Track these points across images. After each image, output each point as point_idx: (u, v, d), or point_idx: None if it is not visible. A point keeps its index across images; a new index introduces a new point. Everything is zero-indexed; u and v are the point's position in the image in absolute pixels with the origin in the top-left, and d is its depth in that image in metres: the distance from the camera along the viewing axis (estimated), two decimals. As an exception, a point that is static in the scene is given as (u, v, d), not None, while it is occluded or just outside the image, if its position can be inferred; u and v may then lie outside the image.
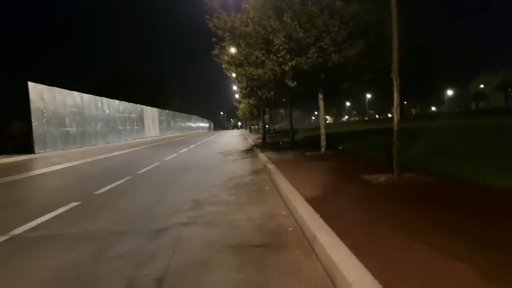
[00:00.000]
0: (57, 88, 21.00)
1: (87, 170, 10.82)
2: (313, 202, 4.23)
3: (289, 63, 8.87)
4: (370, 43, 9.06)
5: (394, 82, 5.43)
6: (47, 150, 19.49)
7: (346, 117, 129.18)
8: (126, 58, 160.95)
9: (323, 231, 3.11)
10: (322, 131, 10.35)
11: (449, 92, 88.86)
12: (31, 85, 18.79)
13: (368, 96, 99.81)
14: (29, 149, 18.60)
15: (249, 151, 14.74)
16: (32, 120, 18.64)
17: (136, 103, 38.34)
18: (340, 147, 11.74)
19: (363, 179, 5.73)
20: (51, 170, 11.05)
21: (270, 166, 7.82)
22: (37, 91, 19.15)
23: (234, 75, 14.79)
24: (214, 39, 10.49)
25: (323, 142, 10.27)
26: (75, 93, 23.28)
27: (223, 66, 10.84)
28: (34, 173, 10.46)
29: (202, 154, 14.31)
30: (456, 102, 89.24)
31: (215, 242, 3.52)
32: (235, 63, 10.13)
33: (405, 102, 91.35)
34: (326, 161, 8.28)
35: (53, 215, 4.96)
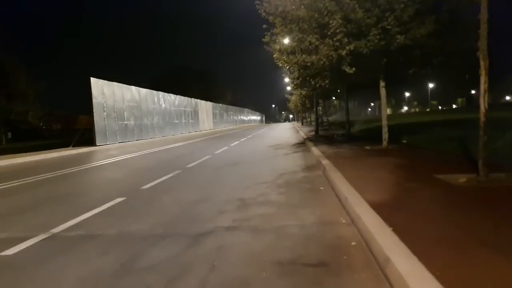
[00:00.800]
0: (115, 83, 21.84)
1: (140, 163, 10.86)
2: (380, 208, 3.48)
3: (347, 47, 7.98)
4: (441, 21, 7.87)
5: (481, 63, 4.43)
6: (108, 143, 20.37)
7: (406, 108, 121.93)
8: (180, 53, 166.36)
9: (400, 253, 2.38)
10: (384, 122, 9.32)
11: (526, 79, 79.66)
12: (93, 80, 19.68)
13: (431, 85, 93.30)
14: (92, 142, 19.57)
15: (301, 144, 13.99)
16: (94, 114, 19.54)
17: (190, 97, 39.17)
18: (404, 141, 10.57)
19: (439, 179, 4.80)
20: (106, 162, 11.27)
21: (325, 162, 7.07)
22: (98, 86, 20.01)
23: (285, 64, 14.15)
24: (264, 26, 9.87)
25: (385, 135, 9.25)
26: (133, 87, 24.10)
27: (274, 55, 10.18)
28: (91, 165, 10.72)
29: (252, 148, 13.85)
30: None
31: (261, 255, 2.94)
32: (287, 50, 9.42)
33: (473, 92, 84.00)
34: (389, 157, 7.32)
35: (96, 212, 4.75)
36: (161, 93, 28.92)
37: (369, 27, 7.80)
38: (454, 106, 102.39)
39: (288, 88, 48.31)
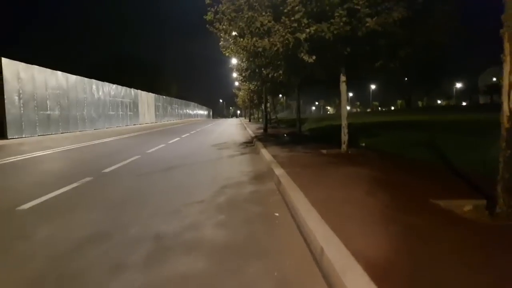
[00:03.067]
0: (36, 66, 18.51)
1: (44, 164, 8.54)
2: (382, 272, 1.99)
3: (307, 30, 6.54)
4: (414, 8, 6.75)
5: (506, 45, 3.12)
6: (23, 136, 17.17)
7: (348, 108, 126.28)
8: (123, 42, 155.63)
9: None
10: (344, 122, 8.07)
11: (458, 85, 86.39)
12: (4, 61, 16.33)
13: (373, 87, 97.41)
14: (1, 134, 16.32)
15: (249, 144, 12.46)
16: (6, 102, 16.29)
17: (133, 88, 35.88)
18: (363, 144, 9.48)
19: (440, 208, 3.48)
20: (2, 163, 8.77)
21: (279, 172, 5.57)
22: (11, 69, 16.70)
23: (233, 53, 12.54)
24: (207, 1, 8.10)
25: (344, 137, 8.01)
26: (59, 73, 20.81)
27: (220, 43, 8.46)
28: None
29: (193, 146, 12.04)
30: (463, 95, 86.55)
31: None
32: (234, 31, 7.76)
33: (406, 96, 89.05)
34: (356, 166, 6.00)
35: None
36: (94, 81, 25.63)
37: (334, 7, 6.41)
38: (392, 107, 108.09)
39: (236, 83, 46.72)
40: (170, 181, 5.96)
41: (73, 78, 22.50)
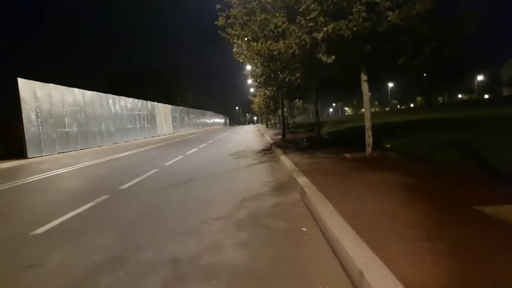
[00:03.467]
0: (52, 84, 18.83)
1: (64, 183, 8.42)
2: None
3: (324, 29, 6.19)
4: (438, -1, 6.31)
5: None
6: (43, 154, 17.37)
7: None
8: (139, 54, 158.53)
9: None
10: (368, 124, 7.63)
11: (479, 78, 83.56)
12: (21, 81, 16.65)
13: (390, 85, 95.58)
14: (22, 154, 16.56)
15: (267, 151, 12.13)
16: (24, 121, 16.55)
17: (149, 99, 36.23)
18: (388, 146, 8.99)
19: (487, 215, 3.05)
20: (21, 183, 8.73)
21: (302, 181, 5.20)
22: (28, 89, 17.00)
23: (247, 59, 12.30)
24: (218, 6, 7.87)
25: (368, 139, 7.57)
26: (75, 90, 21.12)
27: (233, 50, 8.19)
28: (-4, 189, 8.17)
29: (210, 157, 11.79)
30: (485, 89, 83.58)
31: None
32: (247, 36, 7.49)
33: (427, 93, 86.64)
34: (384, 171, 5.57)
35: None
36: (110, 96, 25.94)
37: (352, 2, 6.04)
38: (411, 105, 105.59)
39: (252, 90, 46.58)
40: (187, 195, 5.68)
41: (89, 93, 22.76)
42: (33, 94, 17.28)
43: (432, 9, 6.17)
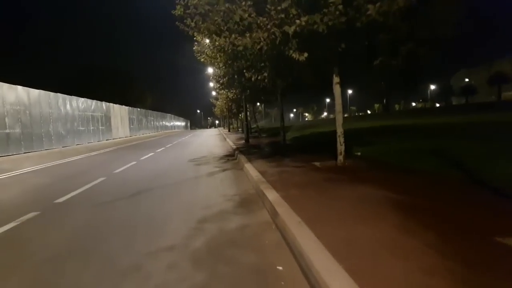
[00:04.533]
0: (-10, 80, 16.79)
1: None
2: None
3: (297, 22, 5.47)
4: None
5: None
6: (-24, 158, 15.33)
7: (325, 114, 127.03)
8: (94, 53, 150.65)
9: None
10: (340, 130, 7.01)
11: (432, 87, 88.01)
12: (-51, 75, 14.61)
13: (349, 91, 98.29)
14: None
15: (230, 157, 11.26)
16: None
17: (106, 100, 34.01)
18: (358, 153, 8.46)
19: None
20: None
21: (272, 197, 4.40)
22: (-41, 84, 14.96)
23: (208, 59, 11.42)
24: (176, -6, 6.91)
25: (340, 147, 6.95)
26: (19, 87, 18.96)
27: (191, 34, 7.25)
28: None
29: (168, 163, 10.72)
30: (437, 98, 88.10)
31: None
32: (209, 28, 6.60)
33: (384, 99, 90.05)
34: (364, 184, 4.90)
35: None
36: (60, 95, 23.74)
37: (328, -8, 5.38)
38: (368, 111, 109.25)
39: (214, 93, 45.35)
40: (133, 213, 4.68)
41: (35, 92, 20.64)
42: (-37, 90, 15.19)
43: (411, 6, 5.68)
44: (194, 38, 11.35)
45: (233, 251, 3.10)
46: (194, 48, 11.98)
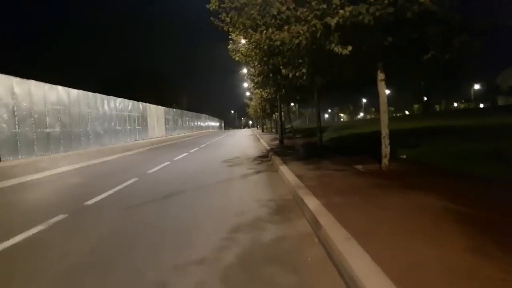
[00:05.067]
0: (33, 81, 17.39)
1: (25, 194, 7.06)
2: None
3: (340, 12, 4.99)
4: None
5: None
6: (20, 157, 15.91)
7: (362, 114, 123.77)
8: (132, 56, 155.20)
9: None
10: (385, 131, 6.43)
11: (476, 87, 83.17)
12: (-4, 76, 15.33)
13: (387, 91, 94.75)
14: (-4, 156, 15.12)
15: (264, 158, 10.89)
16: (-3, 120, 15.15)
17: (143, 101, 34.86)
18: (404, 156, 7.81)
19: None
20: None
21: (312, 204, 3.96)
22: (4, 84, 15.59)
23: (243, 58, 11.12)
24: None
25: (385, 149, 6.37)
26: (60, 87, 19.66)
27: (226, 30, 6.94)
28: None
29: (201, 164, 10.53)
30: (481, 98, 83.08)
31: None
32: (244, 23, 6.25)
33: (424, 98, 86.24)
34: (416, 191, 4.33)
35: None
36: (98, 95, 24.47)
37: (375, -20, 4.86)
38: (407, 112, 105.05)
39: (248, 93, 45.25)
40: (163, 218, 4.40)
41: (75, 92, 21.33)
42: (10, 90, 15.86)
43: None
44: (229, 36, 11.07)
45: (269, 268, 2.71)
46: (228, 47, 11.72)
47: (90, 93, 23.25)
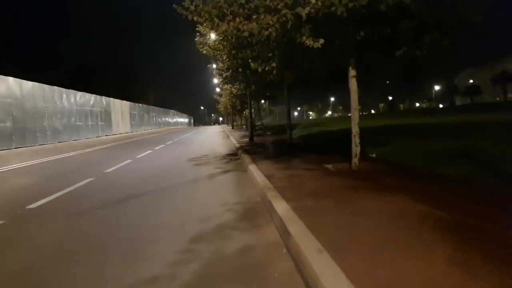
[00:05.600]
0: (-26, 71, 15.98)
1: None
2: None
3: (312, 1, 4.69)
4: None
5: None
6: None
7: (329, 112, 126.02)
8: (95, 49, 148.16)
9: None
10: (355, 129, 6.23)
11: (436, 87, 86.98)
12: None
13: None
14: None
15: (233, 156, 10.51)
16: None
17: (107, 95, 33.36)
18: (373, 155, 7.68)
19: None
20: None
21: (281, 209, 3.63)
22: None
23: (211, 51, 10.70)
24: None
25: (356, 148, 6.17)
26: (11, 79, 18.16)
27: (195, 39, 6.48)
28: None
29: (165, 162, 9.99)
30: (440, 98, 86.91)
31: None
32: (210, 12, 5.81)
33: (390, 98, 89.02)
34: (391, 193, 4.11)
35: None
36: (56, 88, 22.93)
37: (349, -31, 4.59)
38: (372, 111, 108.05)
39: (218, 89, 44.50)
40: (114, 228, 3.90)
41: (29, 84, 19.84)
42: None
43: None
44: (197, 29, 10.57)
45: (234, 286, 2.35)
46: (196, 39, 11.20)
47: (46, 86, 21.82)
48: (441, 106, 77.73)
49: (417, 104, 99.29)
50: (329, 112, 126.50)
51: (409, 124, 18.08)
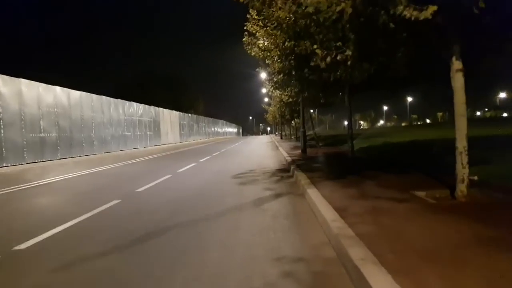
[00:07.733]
0: (24, 80, 15.62)
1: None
2: None
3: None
4: None
5: None
6: (4, 164, 14.16)
7: (382, 122, 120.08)
8: (147, 60, 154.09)
9: None
10: (461, 144, 4.39)
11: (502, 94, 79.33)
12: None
13: (409, 99, 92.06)
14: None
15: (285, 173, 8.89)
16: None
17: (160, 106, 33.53)
18: (475, 177, 5.66)
19: None
20: None
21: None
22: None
23: (259, 46, 9.40)
24: None
25: (462, 170, 4.31)
26: (58, 88, 17.94)
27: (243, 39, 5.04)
28: None
29: (207, 178, 8.62)
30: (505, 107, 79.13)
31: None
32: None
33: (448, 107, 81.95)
34: None
35: None
36: (104, 98, 22.82)
37: None
38: (427, 120, 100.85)
39: (266, 99, 43.34)
40: (129, 277, 2.48)
41: (76, 94, 19.67)
42: (-6, 89, 14.25)
43: None
44: (245, 28, 9.48)
45: None
46: (243, 39, 9.85)
47: (94, 96, 21.68)
48: (504, 115, 70.36)
49: (478, 113, 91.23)
50: (381, 122, 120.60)
51: (484, 135, 15.22)
